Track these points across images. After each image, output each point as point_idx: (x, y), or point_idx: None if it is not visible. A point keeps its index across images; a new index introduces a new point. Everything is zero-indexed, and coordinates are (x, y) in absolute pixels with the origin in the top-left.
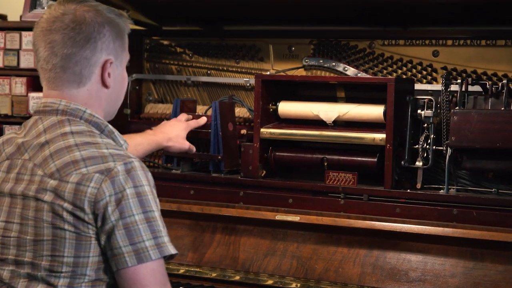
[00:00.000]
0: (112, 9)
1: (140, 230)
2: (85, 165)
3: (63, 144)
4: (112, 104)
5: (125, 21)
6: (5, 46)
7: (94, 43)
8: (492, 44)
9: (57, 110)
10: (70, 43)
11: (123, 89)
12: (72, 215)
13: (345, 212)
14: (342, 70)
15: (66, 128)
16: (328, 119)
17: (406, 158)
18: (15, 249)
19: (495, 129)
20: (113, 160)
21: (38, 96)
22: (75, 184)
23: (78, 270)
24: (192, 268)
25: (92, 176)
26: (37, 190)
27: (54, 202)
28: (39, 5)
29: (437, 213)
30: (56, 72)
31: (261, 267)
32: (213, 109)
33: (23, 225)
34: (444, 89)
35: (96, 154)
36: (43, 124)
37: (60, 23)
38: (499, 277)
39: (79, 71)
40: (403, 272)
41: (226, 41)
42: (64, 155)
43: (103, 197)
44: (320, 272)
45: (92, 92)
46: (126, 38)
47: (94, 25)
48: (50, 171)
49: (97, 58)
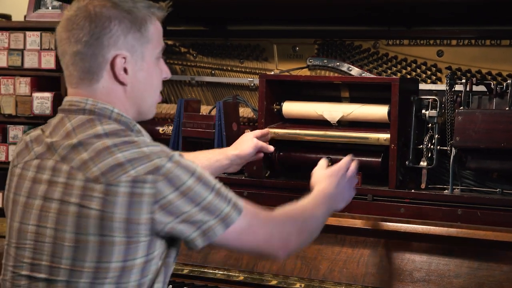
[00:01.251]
0: (133, 0)
1: (203, 216)
2: (133, 167)
3: (101, 145)
4: (139, 103)
5: (149, 12)
6: (9, 46)
7: (99, 39)
8: (497, 44)
9: (84, 110)
10: (74, 40)
11: (152, 86)
12: (124, 222)
13: (350, 212)
14: (346, 70)
15: (98, 128)
16: (332, 119)
17: (410, 158)
18: (49, 255)
19: (499, 129)
20: (158, 157)
21: (42, 96)
22: (129, 188)
23: (124, 274)
24: (196, 268)
25: (146, 177)
26: (81, 196)
27: (104, 209)
28: (43, 5)
29: (442, 213)
30: (69, 70)
31: (265, 267)
32: (217, 109)
33: (59, 231)
34: (448, 89)
35: (139, 155)
36: (70, 122)
37: (71, 21)
38: (503, 277)
39: (88, 68)
40: (407, 272)
41: (231, 41)
42: (106, 157)
43: (162, 196)
44: (325, 272)
45: (108, 90)
46: (150, 28)
47: (99, 20)
48: (93, 175)
49: (104, 54)
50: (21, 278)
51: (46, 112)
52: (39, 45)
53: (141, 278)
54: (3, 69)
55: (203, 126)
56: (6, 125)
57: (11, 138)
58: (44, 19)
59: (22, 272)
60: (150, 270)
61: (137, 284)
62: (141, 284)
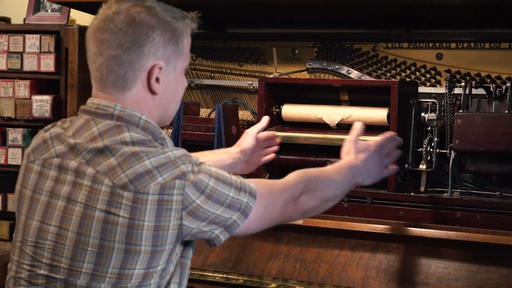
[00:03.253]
0: (171, 11)
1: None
2: (160, 174)
3: (129, 151)
4: (164, 111)
5: (185, 24)
6: (9, 49)
7: (141, 47)
8: (496, 47)
9: (112, 115)
10: (116, 44)
11: (177, 96)
12: (153, 230)
13: (349, 215)
14: (345, 73)
15: (125, 135)
16: (332, 122)
17: (409, 161)
18: (70, 258)
19: (499, 132)
20: (183, 163)
21: (41, 99)
22: (157, 195)
23: (146, 278)
24: (195, 271)
25: (173, 183)
26: (109, 203)
27: (133, 218)
28: (42, 8)
29: (441, 216)
30: (102, 73)
31: (264, 270)
32: (217, 112)
33: (82, 235)
34: (447, 92)
35: (165, 161)
36: (97, 127)
37: (110, 22)
38: (502, 280)
39: (123, 74)
40: (406, 276)
41: (230, 44)
42: (134, 164)
43: (190, 201)
44: (324, 275)
45: (139, 98)
46: (185, 42)
47: (143, 28)
48: (121, 181)
49: (143, 63)
50: (39, 277)
51: (45, 115)
52: (39, 48)
53: (160, 280)
54: (2, 72)
55: (203, 129)
56: (6, 128)
57: (11, 141)
58: (44, 22)
59: (40, 271)
60: (169, 272)
61: (157, 286)
62: (160, 285)
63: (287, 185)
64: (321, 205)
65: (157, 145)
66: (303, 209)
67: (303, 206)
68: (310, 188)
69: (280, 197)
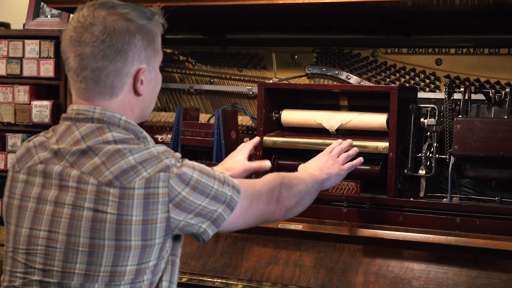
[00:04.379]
0: (143, 12)
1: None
2: (144, 169)
3: (112, 148)
4: (145, 108)
5: (157, 22)
6: (8, 54)
7: (125, 55)
8: (495, 52)
9: (92, 118)
10: (100, 56)
11: (156, 91)
12: (141, 224)
13: (348, 221)
14: (345, 79)
15: (107, 135)
16: (331, 128)
17: (409, 166)
18: (62, 260)
19: (498, 138)
20: (166, 157)
21: (41, 104)
22: (143, 189)
23: (138, 276)
24: (195, 276)
25: (158, 176)
26: (95, 201)
27: (121, 213)
28: (42, 13)
29: (440, 222)
30: (87, 84)
31: (263, 276)
32: (216, 117)
33: (72, 236)
34: (447, 98)
35: (148, 156)
36: (79, 130)
37: (89, 34)
38: (502, 286)
39: (111, 84)
40: (406, 281)
41: (229, 49)
42: (118, 160)
43: (176, 193)
44: (323, 280)
45: (124, 102)
46: (159, 40)
47: (124, 36)
48: (106, 179)
49: (129, 69)
50: (32, 283)
51: (45, 121)
52: (38, 53)
53: (153, 277)
54: (2, 77)
55: (202, 135)
56: (5, 133)
57: (10, 146)
58: (43, 28)
59: (34, 277)
60: (160, 269)
61: (149, 283)
62: (152, 282)
63: (267, 182)
64: (300, 202)
65: (139, 143)
66: (286, 206)
67: (285, 202)
68: (287, 183)
69: (262, 191)
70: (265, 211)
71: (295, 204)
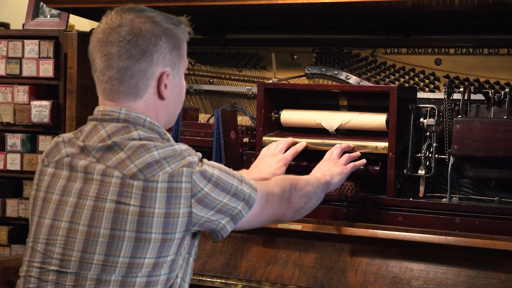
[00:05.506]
0: (170, 18)
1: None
2: (168, 164)
3: (138, 143)
4: (170, 114)
5: (183, 29)
6: (8, 54)
7: (150, 56)
8: (495, 52)
9: (118, 119)
10: (126, 56)
11: (181, 99)
12: (163, 217)
13: (348, 221)
14: (344, 79)
15: (133, 133)
16: (331, 128)
17: (408, 166)
18: (81, 250)
19: (497, 138)
20: (188, 154)
21: (40, 104)
22: (166, 183)
23: (156, 268)
24: (194, 276)
25: (181, 171)
26: (119, 193)
27: (144, 205)
28: (41, 13)
29: (440, 222)
30: (113, 85)
31: (263, 276)
32: (216, 118)
33: (93, 227)
34: (446, 98)
35: (172, 153)
36: (105, 129)
37: (117, 35)
38: (501, 286)
39: (135, 84)
40: (405, 281)
41: (229, 49)
42: (143, 154)
43: (199, 189)
44: (323, 280)
45: (149, 104)
46: (184, 46)
47: (150, 37)
48: (130, 172)
49: (153, 71)
50: (49, 273)
51: (44, 121)
52: (38, 53)
53: (170, 272)
54: (1, 77)
55: (202, 135)
56: (4, 133)
57: (9, 147)
58: (43, 28)
59: (51, 267)
60: (178, 265)
61: (166, 278)
62: (169, 278)
63: (278, 183)
64: (308, 203)
65: (163, 141)
66: (296, 206)
67: (295, 203)
68: (296, 184)
69: (276, 191)
70: (278, 211)
71: (304, 205)
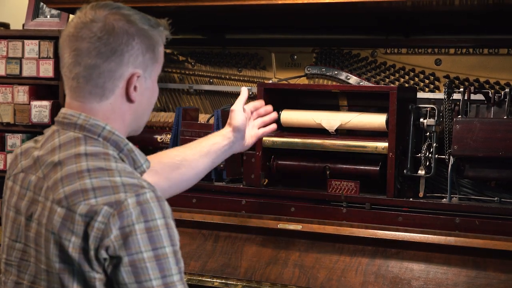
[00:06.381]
0: (147, 19)
1: (148, 269)
2: (95, 196)
3: (75, 168)
4: (138, 118)
5: (160, 32)
6: (8, 54)
7: (121, 56)
8: (495, 52)
9: (76, 124)
10: (95, 53)
11: (152, 103)
12: (78, 251)
13: (348, 221)
14: (344, 79)
15: (81, 148)
16: (331, 128)
17: (408, 166)
18: (32, 276)
19: (497, 138)
20: (124, 191)
21: (40, 104)
22: (83, 216)
23: None
24: (194, 277)
25: (101, 208)
26: (48, 218)
27: (61, 235)
28: (41, 13)
29: (440, 222)
30: (79, 82)
31: (263, 276)
32: (216, 118)
33: (38, 252)
34: (446, 98)
35: (108, 184)
36: (59, 138)
37: (88, 30)
38: (501, 286)
39: (102, 84)
40: (405, 281)
41: (229, 49)
42: (74, 181)
43: (109, 234)
44: (323, 280)
45: (115, 106)
46: (160, 49)
47: (123, 36)
48: (58, 197)
49: (123, 71)
50: None
51: (44, 121)
52: (38, 53)
53: None
54: (1, 77)
55: (201, 135)
56: (4, 134)
57: (9, 147)
58: (43, 28)
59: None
60: None
61: None
62: None
63: None
64: None
65: (110, 158)
66: None
67: None
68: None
69: None
70: None
71: None
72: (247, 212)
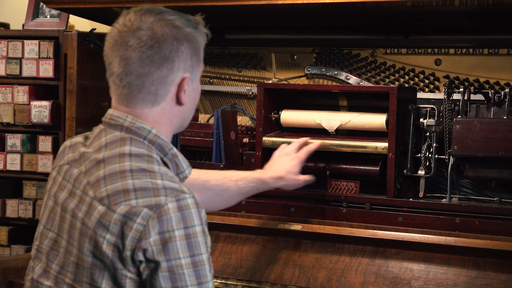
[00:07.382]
0: (189, 20)
1: (185, 275)
2: (136, 197)
3: (118, 167)
4: (184, 119)
5: (202, 32)
6: (8, 54)
7: (172, 62)
8: (495, 52)
9: (122, 126)
10: (148, 62)
11: (196, 103)
12: (112, 248)
13: (348, 221)
14: (344, 79)
15: (125, 148)
16: (330, 128)
17: (408, 167)
18: (59, 266)
19: (497, 138)
20: (165, 195)
21: (40, 104)
22: (122, 216)
23: None
24: None
25: (141, 210)
26: (86, 213)
27: (96, 231)
28: (41, 13)
29: (440, 222)
30: (131, 90)
31: (263, 276)
32: (215, 118)
33: (69, 244)
34: (446, 98)
35: (149, 185)
36: (105, 137)
37: (136, 39)
38: (501, 286)
39: (155, 91)
40: (405, 281)
41: (228, 49)
42: (117, 180)
43: (148, 237)
44: (323, 281)
45: (165, 111)
46: (202, 50)
47: (172, 43)
48: (100, 195)
49: (174, 77)
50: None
51: (44, 121)
52: (37, 53)
53: None
54: (1, 77)
55: (201, 135)
56: (4, 134)
57: (9, 147)
58: (43, 28)
59: (35, 276)
60: None
61: None
62: None
63: None
64: None
65: (153, 161)
66: None
67: None
68: None
69: None
70: None
71: None
72: (247, 212)
